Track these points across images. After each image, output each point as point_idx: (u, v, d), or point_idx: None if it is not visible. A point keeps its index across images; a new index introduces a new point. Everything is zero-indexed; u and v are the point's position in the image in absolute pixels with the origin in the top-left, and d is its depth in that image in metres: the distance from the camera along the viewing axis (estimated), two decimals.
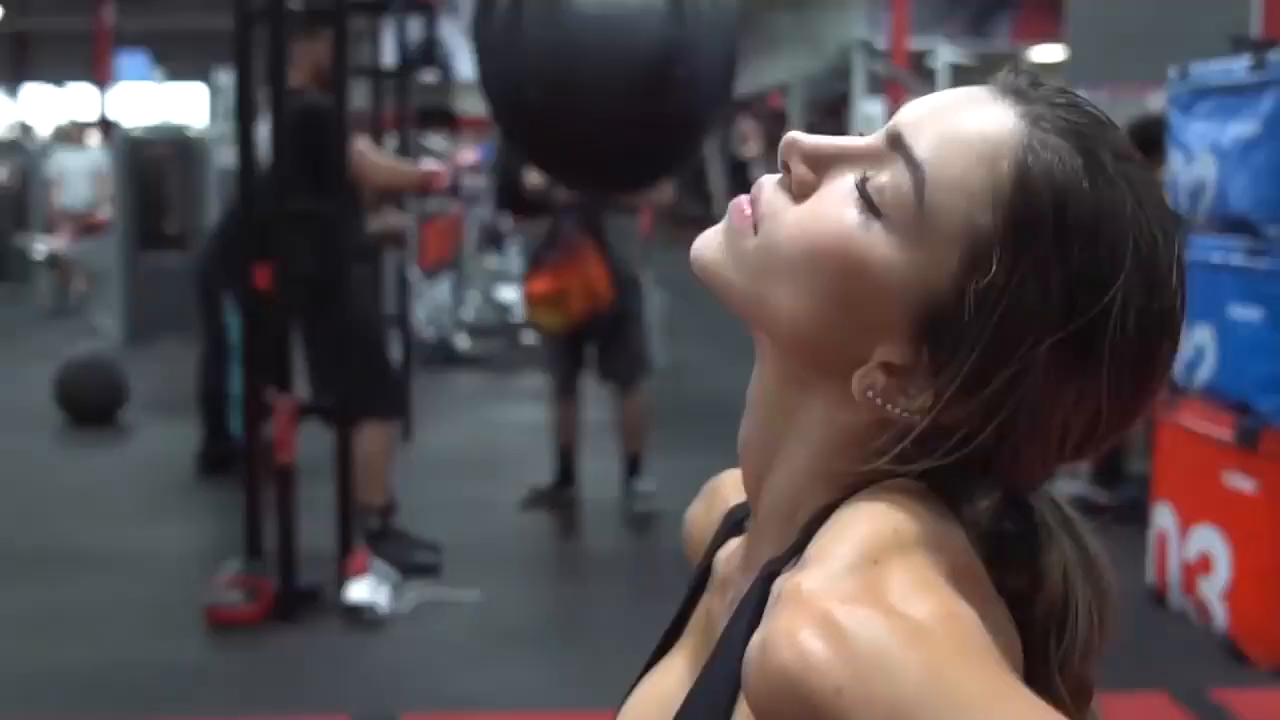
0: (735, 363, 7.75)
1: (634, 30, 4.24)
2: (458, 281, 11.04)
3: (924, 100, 0.88)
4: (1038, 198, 0.82)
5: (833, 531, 0.84)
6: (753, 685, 0.76)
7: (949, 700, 0.72)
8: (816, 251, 0.85)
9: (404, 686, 4.45)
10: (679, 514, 4.94)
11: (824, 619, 0.75)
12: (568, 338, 6.31)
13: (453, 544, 5.61)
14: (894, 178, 0.84)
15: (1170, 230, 0.85)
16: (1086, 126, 0.84)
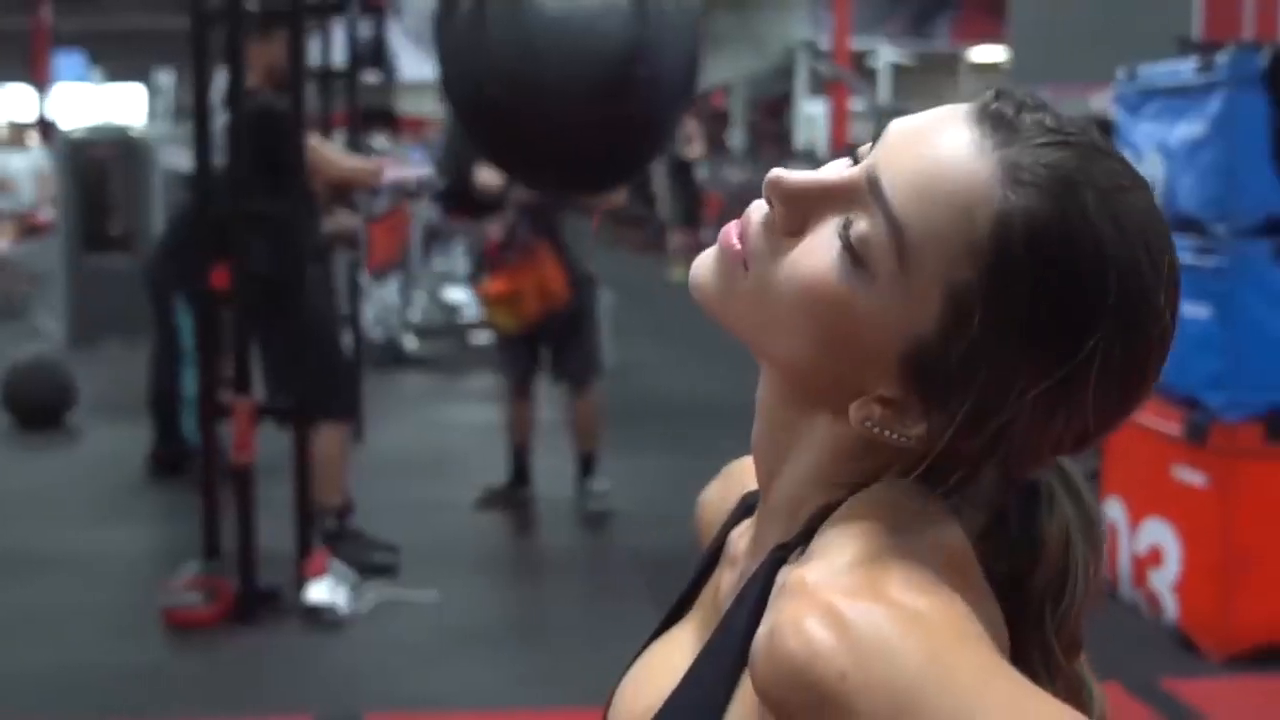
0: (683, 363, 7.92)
1: (597, 31, 4.27)
2: (405, 282, 11.02)
3: (903, 132, 0.88)
4: (1016, 253, 0.83)
5: (836, 529, 0.88)
6: (761, 671, 0.80)
7: (946, 683, 0.77)
8: (805, 300, 0.88)
9: (364, 687, 4.46)
10: (632, 513, 5.04)
11: (827, 610, 0.79)
12: (523, 338, 6.33)
13: (408, 545, 5.62)
14: (874, 228, 0.86)
15: (1158, 255, 0.86)
16: (1068, 168, 0.85)
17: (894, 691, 0.76)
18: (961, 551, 0.88)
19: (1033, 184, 0.84)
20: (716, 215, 16.72)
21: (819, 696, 0.77)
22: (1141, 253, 0.85)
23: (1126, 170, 0.87)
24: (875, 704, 0.76)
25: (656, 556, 5.84)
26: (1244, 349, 4.49)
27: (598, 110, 4.30)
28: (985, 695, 0.77)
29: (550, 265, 6.08)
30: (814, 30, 19.05)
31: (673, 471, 7.30)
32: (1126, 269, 0.84)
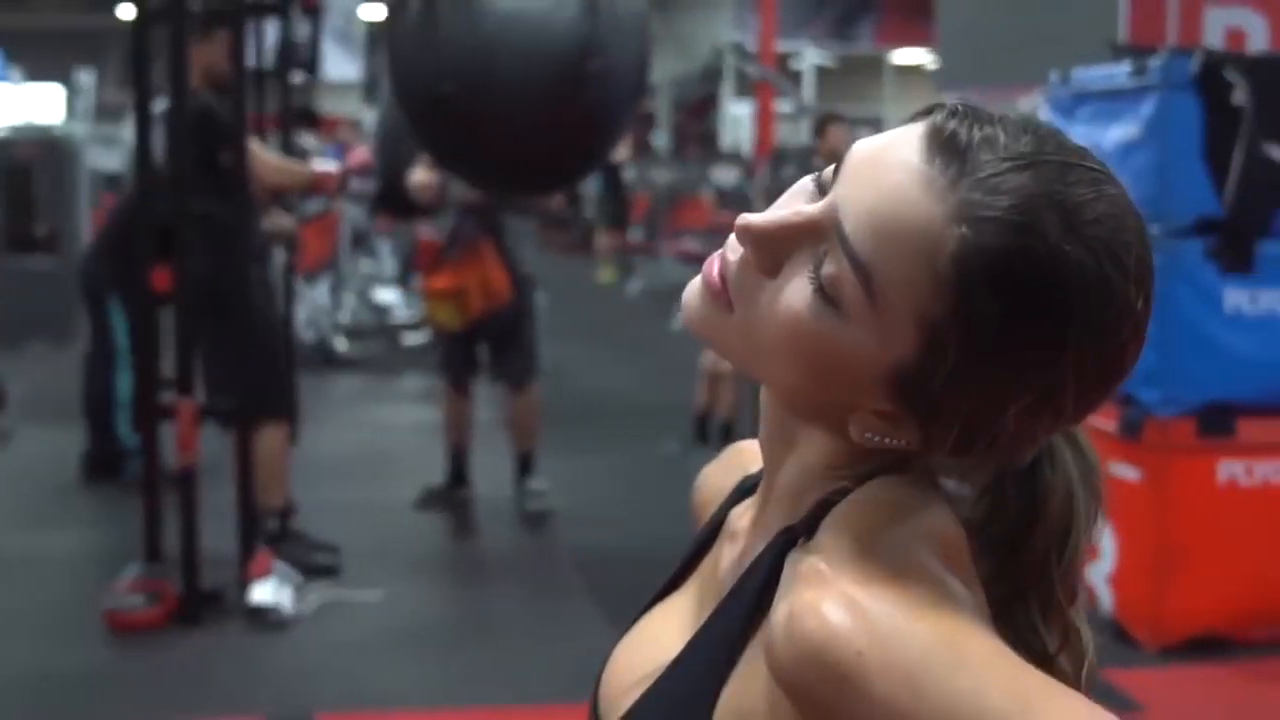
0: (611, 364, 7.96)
1: (549, 27, 4.30)
2: (335, 284, 10.98)
3: (860, 163, 0.91)
4: (980, 288, 0.86)
5: (844, 519, 0.93)
6: (780, 652, 0.85)
7: (955, 663, 0.82)
8: (787, 337, 0.92)
9: (312, 687, 4.47)
10: (571, 512, 5.08)
11: (842, 595, 0.85)
12: (463, 337, 6.35)
13: (349, 545, 5.62)
14: (842, 270, 0.89)
15: (1126, 257, 0.88)
16: (1026, 194, 0.86)
17: (908, 669, 0.82)
18: (956, 538, 0.93)
19: (991, 219, 0.85)
20: (643, 216, 16.77)
21: (837, 675, 0.82)
22: (1108, 263, 0.87)
23: (1089, 174, 0.88)
24: (890, 681, 0.82)
25: (596, 555, 5.89)
26: (1177, 347, 4.59)
27: (551, 106, 4.33)
28: (991, 674, 0.83)
29: (493, 263, 6.11)
30: (738, 32, 19.13)
31: (608, 471, 7.36)
32: (1094, 284, 0.86)
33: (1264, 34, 7.45)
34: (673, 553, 5.00)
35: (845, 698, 0.83)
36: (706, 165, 17.09)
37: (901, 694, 0.82)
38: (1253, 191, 4.59)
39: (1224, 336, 4.61)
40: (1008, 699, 0.82)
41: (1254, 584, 4.67)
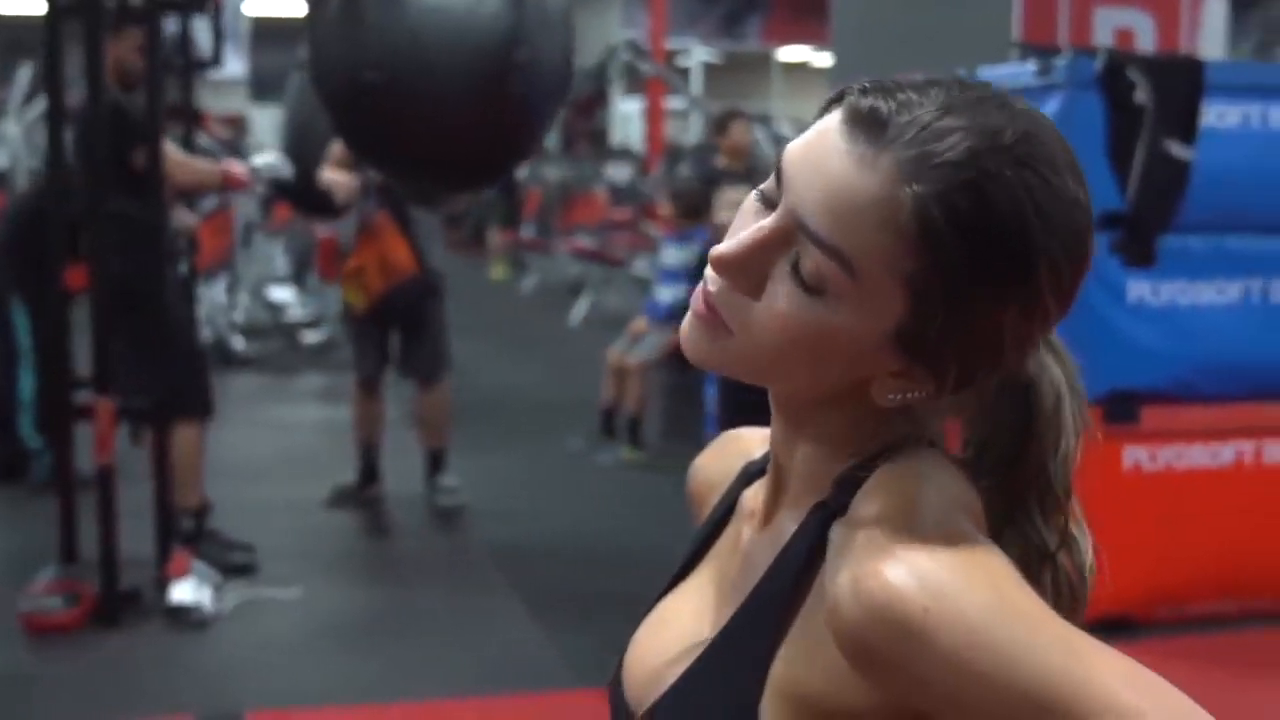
0: (513, 360, 7.98)
1: (474, 16, 4.34)
2: (231, 282, 10.89)
3: (797, 164, 0.97)
4: (945, 233, 0.93)
5: (883, 492, 0.99)
6: (847, 614, 0.92)
7: (1010, 617, 0.90)
8: (788, 342, 0.98)
9: (239, 685, 4.46)
10: (482, 508, 5.11)
11: (902, 558, 0.92)
12: (374, 332, 6.36)
13: (263, 544, 5.61)
14: (818, 262, 0.96)
15: (1058, 160, 0.95)
16: (955, 137, 0.92)
17: (969, 624, 0.89)
18: (977, 504, 1.01)
19: (934, 168, 0.92)
20: (535, 213, 16.77)
21: (904, 631, 0.89)
22: (1045, 168, 0.94)
23: (999, 101, 0.96)
24: (954, 635, 0.88)
25: (512, 549, 5.93)
26: (1083, 338, 4.71)
27: (478, 96, 4.36)
28: (1042, 629, 0.90)
29: (393, 240, 6.14)
30: (627, 30, 19.22)
31: (516, 467, 7.40)
32: (1040, 191, 0.93)
33: (1152, 34, 7.67)
34: (587, 545, 5.19)
35: (912, 653, 0.89)
36: (599, 162, 17.13)
37: (965, 647, 0.88)
38: (1154, 188, 4.73)
39: (1128, 327, 4.75)
40: (1060, 651, 0.89)
41: (1158, 566, 4.81)
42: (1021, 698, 0.88)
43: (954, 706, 0.91)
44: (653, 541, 6.17)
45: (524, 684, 4.48)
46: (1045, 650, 0.89)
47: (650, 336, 7.65)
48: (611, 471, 7.33)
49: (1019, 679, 0.88)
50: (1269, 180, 4.86)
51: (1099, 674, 0.89)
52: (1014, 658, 0.88)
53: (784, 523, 1.07)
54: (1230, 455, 4.89)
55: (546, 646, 4.81)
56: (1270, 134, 4.87)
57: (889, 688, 0.93)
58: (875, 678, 0.93)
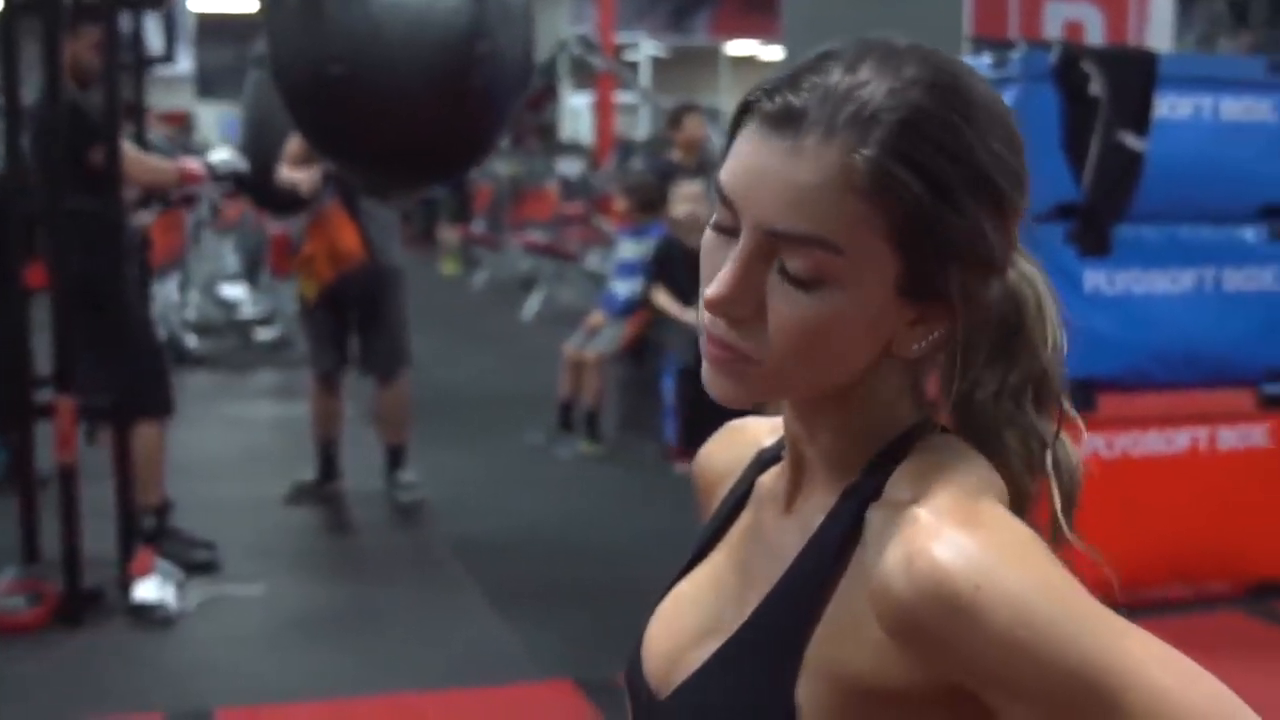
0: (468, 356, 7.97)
1: (436, 9, 4.35)
2: (183, 280, 10.84)
3: (740, 187, 1.00)
4: (902, 177, 0.96)
5: (918, 476, 1.03)
6: (899, 592, 0.94)
7: (1053, 596, 0.94)
8: (811, 342, 1.01)
9: (207, 682, 4.46)
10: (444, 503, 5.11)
11: (951, 539, 0.95)
12: (330, 327, 6.35)
13: (224, 541, 5.60)
14: (802, 255, 0.98)
15: (968, 79, 1.01)
16: (879, 91, 0.97)
17: (1017, 602, 0.92)
18: (1002, 486, 1.05)
19: (873, 126, 0.96)
20: (485, 208, 16.76)
21: (954, 608, 0.92)
22: (957, 77, 1.00)
23: (897, 49, 1.00)
24: (1003, 613, 0.92)
25: (474, 544, 5.94)
26: None
27: (441, 89, 4.37)
28: (1083, 607, 0.94)
29: (342, 227, 6.13)
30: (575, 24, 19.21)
31: (475, 462, 7.41)
32: (965, 95, 0.99)
33: (1100, 27, 7.76)
34: (548, 538, 5.23)
35: (961, 630, 0.93)
36: (550, 156, 17.12)
37: (1013, 625, 0.92)
38: (1109, 178, 4.80)
39: (1084, 316, 4.80)
40: (1102, 631, 0.93)
41: (1115, 551, 4.88)
42: (1064, 674, 0.92)
43: (997, 683, 0.94)
44: (613, 534, 6.22)
45: (489, 677, 4.50)
46: (1088, 630, 0.93)
47: (607, 330, 7.68)
48: (570, 465, 7.36)
49: (1063, 656, 0.92)
50: (1220, 170, 4.93)
51: (1136, 653, 0.93)
52: (1059, 636, 0.92)
53: (809, 508, 1.10)
54: (1185, 441, 4.96)
55: (510, 639, 4.83)
56: (1221, 125, 4.95)
57: (934, 665, 0.96)
58: (922, 655, 0.96)
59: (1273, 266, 5.03)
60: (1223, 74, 5.07)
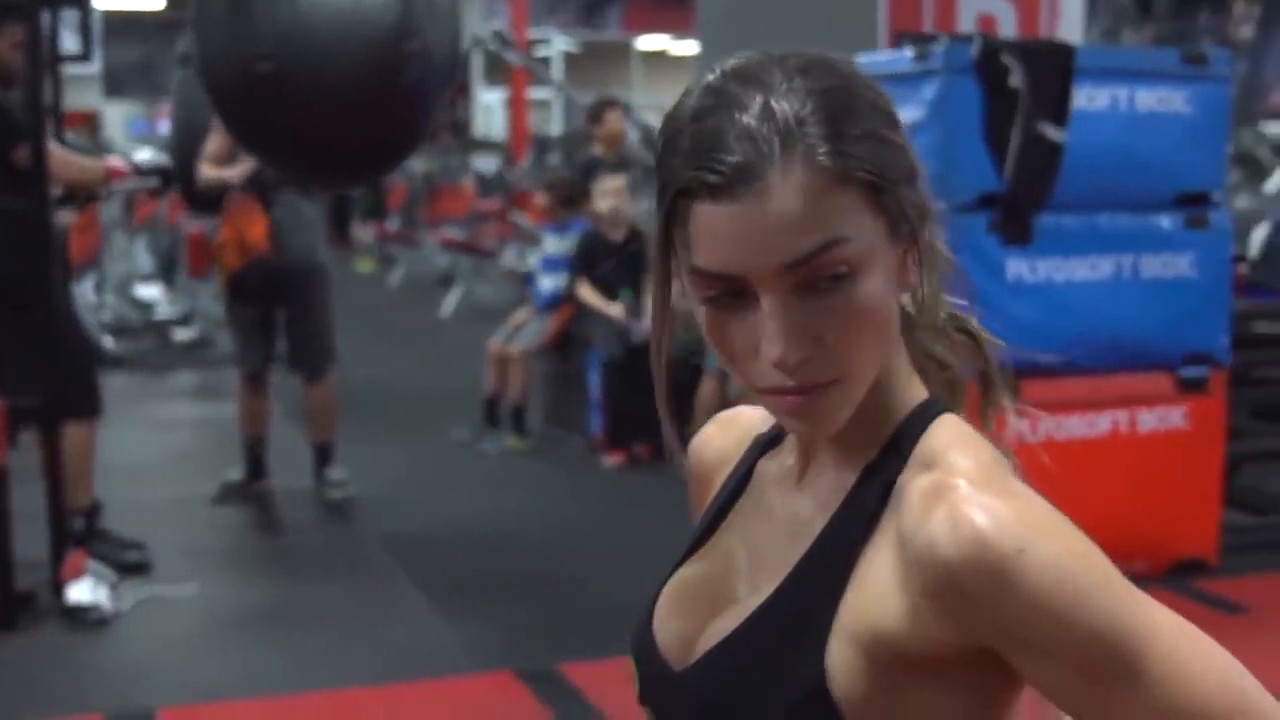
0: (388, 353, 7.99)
1: (364, 6, 4.36)
2: (100, 281, 10.74)
3: (739, 248, 1.03)
4: (857, 152, 1.03)
5: (942, 451, 1.10)
6: (944, 555, 1.01)
7: (1086, 561, 1.01)
8: (873, 328, 1.07)
9: (145, 682, 4.45)
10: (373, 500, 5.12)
11: (992, 507, 1.02)
12: (253, 322, 6.34)
13: (154, 542, 5.57)
14: (826, 263, 1.03)
15: (848, 64, 1.10)
16: (799, 100, 1.04)
17: (1054, 566, 1.00)
18: (1006, 461, 1.12)
19: (808, 129, 1.02)
20: (400, 205, 16.71)
21: (997, 569, 0.99)
22: (831, 59, 1.08)
23: (781, 57, 1.08)
24: (1040, 575, 0.99)
25: (406, 539, 5.96)
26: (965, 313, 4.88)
27: (370, 86, 4.39)
28: (1110, 576, 1.02)
29: (252, 215, 6.15)
30: (487, 20, 19.20)
31: (402, 458, 7.42)
32: (853, 76, 1.08)
33: (1013, 21, 7.89)
34: (480, 531, 5.26)
35: (1000, 591, 0.99)
36: (465, 153, 17.09)
37: (1049, 586, 0.99)
38: (1029, 169, 4.90)
39: (1007, 304, 4.90)
40: (1126, 599, 1.01)
41: None
42: (1094, 637, 1.00)
43: (1027, 644, 1.01)
44: (544, 527, 6.26)
45: (428, 671, 4.52)
46: (1117, 597, 1.01)
47: (531, 324, 7.72)
48: (497, 460, 7.38)
49: (1094, 620, 1.00)
50: (1136, 160, 5.05)
51: (1160, 623, 1.02)
52: (1092, 601, 1.00)
53: (823, 485, 1.16)
54: (1106, 424, 5.08)
55: (447, 633, 4.86)
56: (1136, 115, 5.07)
57: (968, 627, 1.02)
58: (958, 616, 1.02)
59: (1188, 253, 5.15)
60: (1138, 66, 5.18)
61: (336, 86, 4.38)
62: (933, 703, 1.06)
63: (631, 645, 1.27)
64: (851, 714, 1.06)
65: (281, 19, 4.33)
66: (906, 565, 1.04)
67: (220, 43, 4.47)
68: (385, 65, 4.42)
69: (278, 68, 4.35)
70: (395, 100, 4.52)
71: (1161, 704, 1.01)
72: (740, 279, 1.05)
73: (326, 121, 4.38)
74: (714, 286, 1.06)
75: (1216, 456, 5.25)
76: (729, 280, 1.05)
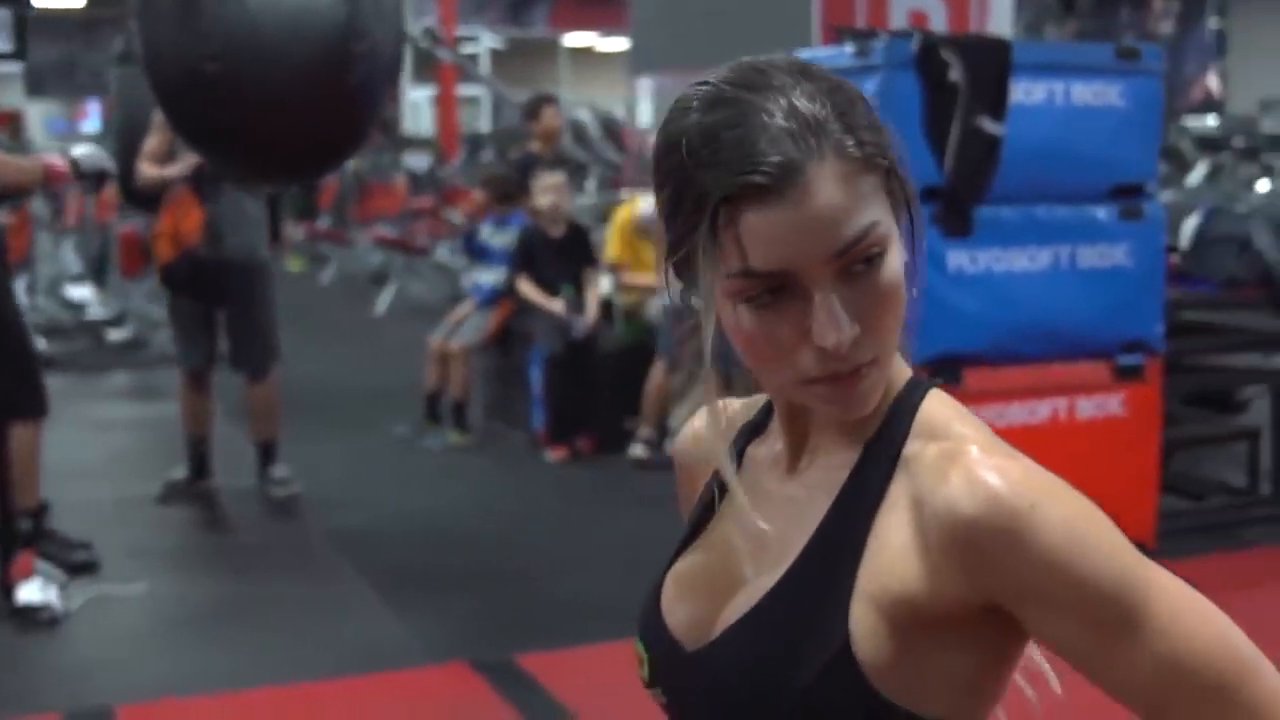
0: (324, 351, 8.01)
1: (312, 8, 4.39)
2: (31, 282, 10.64)
3: (791, 241, 1.08)
4: (876, 144, 1.11)
5: (942, 422, 1.17)
6: (962, 511, 1.07)
7: (1093, 520, 1.09)
8: (899, 304, 1.13)
9: (100, 681, 4.45)
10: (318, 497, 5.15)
11: (1004, 468, 1.09)
12: (194, 318, 6.33)
13: (100, 542, 5.55)
14: (864, 245, 1.10)
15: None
16: (821, 98, 1.11)
17: (1064, 521, 1.07)
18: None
19: (831, 127, 1.09)
20: (331, 204, 16.65)
21: (1012, 525, 1.06)
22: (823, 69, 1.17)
23: (769, 68, 1.14)
24: (1051, 531, 1.06)
25: (353, 536, 5.98)
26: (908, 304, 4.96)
27: (318, 87, 4.41)
28: (1113, 534, 1.09)
29: (187, 208, 6.15)
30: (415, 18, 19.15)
31: (344, 455, 7.43)
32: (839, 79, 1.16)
33: (943, 16, 8.00)
34: (426, 526, 5.36)
35: (1014, 546, 1.06)
36: (396, 151, 17.05)
37: (1060, 541, 1.06)
38: (969, 162, 4.99)
39: (949, 294, 5.00)
40: (1129, 555, 1.09)
41: None
42: (1099, 588, 1.07)
43: (1035, 598, 1.08)
44: (490, 521, 6.29)
45: (383, 664, 4.54)
46: (1120, 551, 1.08)
47: (472, 319, 7.74)
48: (440, 456, 7.40)
49: (1100, 572, 1.07)
50: (1073, 152, 5.16)
51: (1159, 578, 1.10)
52: (1098, 554, 1.07)
53: (824, 462, 1.22)
54: (1046, 412, 5.19)
55: (400, 626, 4.89)
56: (1072, 109, 5.17)
57: (980, 582, 1.09)
58: (973, 571, 1.08)
59: (1124, 244, 5.27)
60: (1073, 61, 5.29)
61: (284, 88, 4.40)
62: (948, 661, 1.12)
63: (640, 631, 1.30)
64: (874, 675, 1.11)
65: (229, 20, 4.35)
66: (923, 527, 1.10)
67: (167, 42, 4.48)
68: (332, 67, 4.44)
69: (225, 68, 4.36)
70: (342, 101, 4.55)
71: (1161, 655, 1.08)
72: (791, 274, 1.09)
73: (273, 122, 4.40)
74: (758, 286, 1.11)
75: (1153, 442, 5.37)
76: (778, 278, 1.10)
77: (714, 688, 1.20)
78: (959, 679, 1.13)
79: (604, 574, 5.38)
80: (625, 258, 7.65)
